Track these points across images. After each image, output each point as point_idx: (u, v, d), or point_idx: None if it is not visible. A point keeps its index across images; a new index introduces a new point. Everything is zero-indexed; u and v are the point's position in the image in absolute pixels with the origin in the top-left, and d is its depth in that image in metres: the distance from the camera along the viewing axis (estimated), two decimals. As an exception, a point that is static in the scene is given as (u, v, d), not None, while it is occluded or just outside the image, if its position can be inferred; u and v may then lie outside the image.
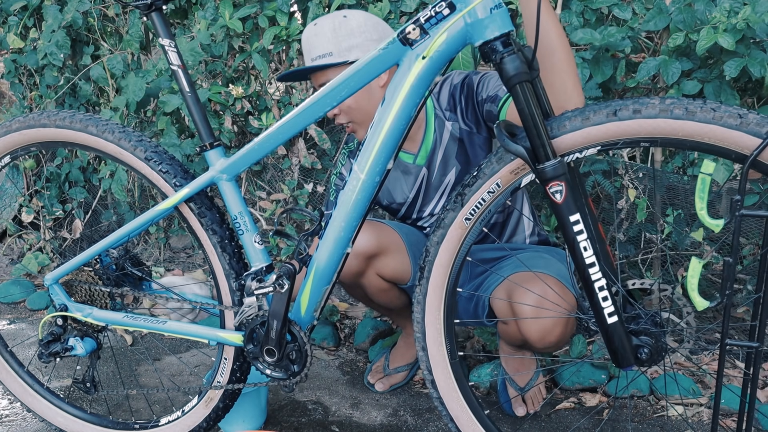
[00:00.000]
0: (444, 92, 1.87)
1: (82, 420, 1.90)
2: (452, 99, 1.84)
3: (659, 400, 2.01)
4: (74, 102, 3.15)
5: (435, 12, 1.25)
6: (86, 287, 1.74)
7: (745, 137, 1.11)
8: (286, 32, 2.52)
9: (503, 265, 1.89)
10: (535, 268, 1.74)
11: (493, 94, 1.71)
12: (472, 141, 1.85)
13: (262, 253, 1.56)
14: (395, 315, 2.14)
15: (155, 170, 1.58)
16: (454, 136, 1.85)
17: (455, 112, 1.85)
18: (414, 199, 1.95)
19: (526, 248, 1.97)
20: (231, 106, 2.68)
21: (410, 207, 1.97)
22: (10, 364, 1.94)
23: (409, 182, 1.92)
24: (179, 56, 1.52)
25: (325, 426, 1.96)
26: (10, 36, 3.05)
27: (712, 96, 2.01)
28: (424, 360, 1.50)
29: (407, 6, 2.38)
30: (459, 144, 1.85)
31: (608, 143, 1.21)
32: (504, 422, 1.96)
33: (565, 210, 1.23)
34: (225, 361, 1.69)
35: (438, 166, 1.88)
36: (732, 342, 1.31)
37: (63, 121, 1.62)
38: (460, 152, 1.86)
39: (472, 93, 1.80)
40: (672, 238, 2.24)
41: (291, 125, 1.44)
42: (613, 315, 1.27)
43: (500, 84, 1.70)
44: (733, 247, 1.22)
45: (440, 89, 1.88)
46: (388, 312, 2.13)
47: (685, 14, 1.98)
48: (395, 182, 1.94)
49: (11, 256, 3.40)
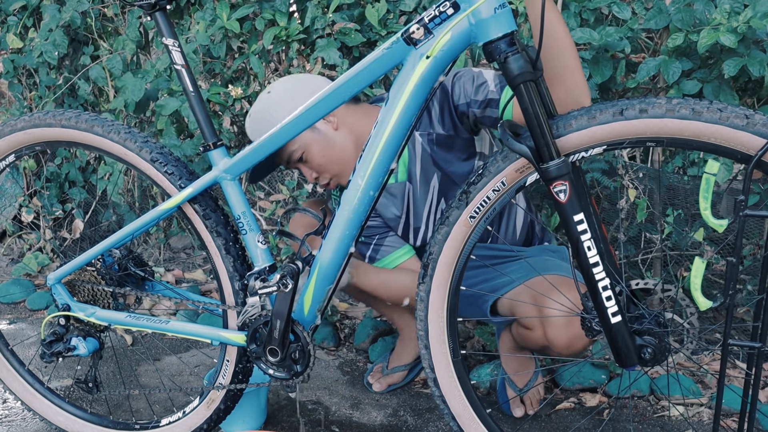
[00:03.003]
0: None
1: (82, 420, 1.89)
2: None
3: (659, 400, 2.01)
4: (73, 102, 3.14)
5: (439, 11, 1.25)
6: (89, 287, 1.73)
7: (751, 138, 1.12)
8: (285, 32, 2.52)
9: (511, 269, 1.84)
10: (551, 271, 1.72)
11: (483, 98, 1.66)
12: (450, 144, 1.79)
13: (265, 253, 1.56)
14: (396, 315, 2.14)
15: (160, 171, 1.58)
16: (425, 146, 1.80)
17: (428, 118, 1.79)
18: (406, 216, 1.90)
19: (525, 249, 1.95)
20: (230, 107, 2.68)
21: (405, 227, 1.92)
22: (11, 363, 1.93)
23: (396, 202, 1.88)
24: (183, 56, 1.52)
25: (325, 426, 1.96)
26: (10, 36, 3.04)
27: (711, 96, 2.02)
28: (427, 358, 1.50)
29: (406, 5, 2.38)
30: (434, 151, 1.80)
31: (614, 143, 1.22)
32: (504, 422, 1.96)
33: (569, 209, 1.23)
34: (227, 362, 1.69)
35: (419, 177, 1.84)
36: (734, 342, 1.31)
37: (68, 121, 1.62)
38: (438, 158, 1.81)
39: (447, 97, 1.73)
40: (672, 238, 2.25)
41: (294, 125, 1.44)
42: (616, 314, 1.27)
43: (482, 84, 1.66)
44: (736, 247, 1.23)
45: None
46: (389, 311, 2.13)
47: (685, 14, 1.99)
48: (383, 207, 1.89)
49: (11, 256, 3.40)
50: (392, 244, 1.84)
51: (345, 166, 1.77)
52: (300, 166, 1.79)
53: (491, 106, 1.65)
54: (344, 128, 1.75)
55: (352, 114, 1.78)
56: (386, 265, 1.86)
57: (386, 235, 1.84)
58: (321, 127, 1.73)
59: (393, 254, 1.85)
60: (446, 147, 1.80)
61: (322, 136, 1.74)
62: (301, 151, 1.73)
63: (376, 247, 1.84)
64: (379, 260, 1.85)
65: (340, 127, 1.75)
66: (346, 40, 2.43)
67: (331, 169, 1.77)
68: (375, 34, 2.43)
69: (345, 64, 2.39)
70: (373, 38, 2.44)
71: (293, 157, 1.75)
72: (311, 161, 1.75)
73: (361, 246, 1.86)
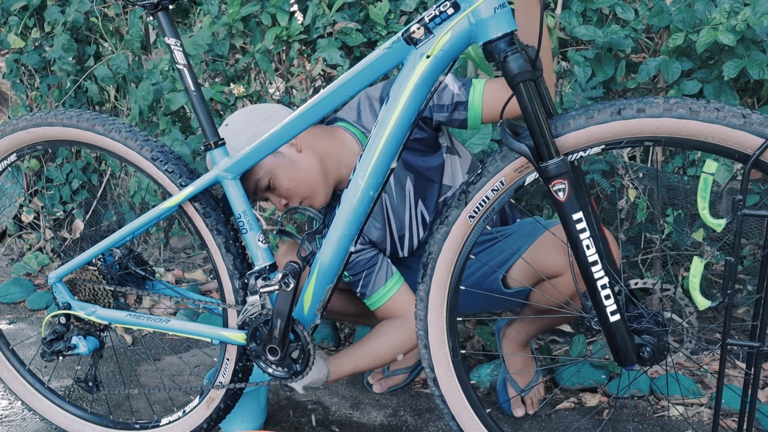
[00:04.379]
0: (365, 112, 1.81)
1: (82, 419, 1.90)
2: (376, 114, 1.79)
3: (659, 400, 2.01)
4: (75, 102, 3.15)
5: (439, 11, 1.26)
6: (90, 286, 1.74)
7: (749, 137, 1.12)
8: (286, 32, 2.52)
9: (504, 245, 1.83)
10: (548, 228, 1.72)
11: (449, 102, 1.66)
12: (416, 146, 1.80)
13: (266, 252, 1.57)
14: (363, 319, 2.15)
15: (161, 170, 1.58)
16: None
17: None
18: (389, 227, 1.88)
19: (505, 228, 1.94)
20: (232, 106, 2.69)
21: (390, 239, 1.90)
22: (11, 362, 1.94)
23: (377, 217, 1.86)
24: (185, 56, 1.52)
25: (325, 426, 1.96)
26: (11, 36, 3.05)
27: (711, 96, 2.02)
28: (426, 357, 1.51)
29: (407, 5, 2.39)
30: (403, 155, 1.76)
31: (612, 142, 1.22)
32: (504, 422, 1.96)
33: (568, 208, 1.24)
34: (227, 361, 1.69)
35: (394, 185, 1.84)
36: (733, 342, 1.32)
37: (70, 120, 1.63)
38: (408, 161, 1.81)
39: None
40: (672, 238, 2.25)
41: (295, 124, 1.45)
42: (615, 313, 1.28)
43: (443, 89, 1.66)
44: (735, 247, 1.23)
45: (359, 111, 1.82)
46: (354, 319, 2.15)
47: (685, 14, 1.99)
48: (367, 230, 1.87)
49: (11, 256, 3.40)
50: (381, 278, 1.84)
51: (313, 188, 1.74)
52: (268, 194, 1.75)
53: (459, 109, 1.67)
54: (307, 150, 1.74)
55: (312, 135, 1.76)
56: (378, 300, 1.84)
57: (373, 270, 1.83)
58: (285, 151, 1.71)
59: (382, 289, 1.83)
60: (413, 150, 1.80)
61: (287, 160, 1.71)
62: (268, 178, 1.71)
63: (365, 283, 1.84)
64: (369, 296, 1.85)
65: (304, 150, 1.73)
66: (348, 40, 2.43)
67: (300, 192, 1.74)
68: (376, 34, 2.43)
69: (346, 64, 2.40)
70: (374, 38, 2.45)
71: (261, 185, 1.72)
72: (279, 186, 1.72)
73: (351, 284, 1.86)
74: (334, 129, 1.83)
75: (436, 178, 1.84)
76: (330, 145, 1.77)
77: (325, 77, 2.61)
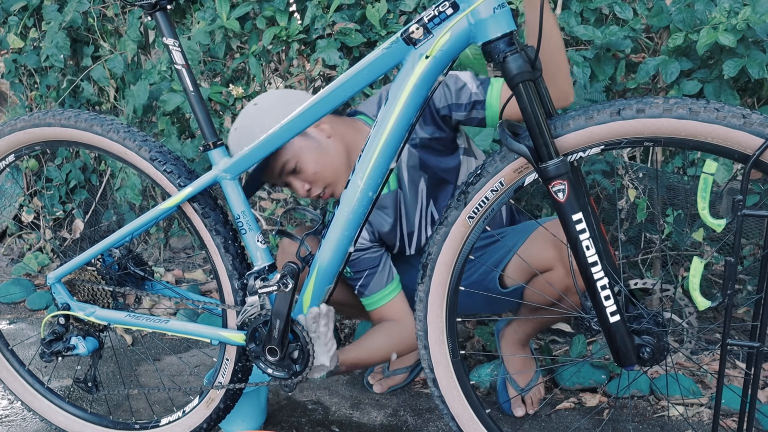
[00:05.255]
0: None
1: (82, 420, 1.89)
2: None
3: (659, 400, 2.01)
4: (74, 102, 3.14)
5: (438, 11, 1.26)
6: (89, 286, 1.74)
7: (748, 137, 1.12)
8: (285, 32, 2.52)
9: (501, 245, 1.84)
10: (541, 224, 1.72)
11: (467, 101, 1.67)
12: (434, 146, 1.80)
13: (265, 253, 1.57)
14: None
15: (159, 170, 1.58)
16: (411, 152, 1.80)
17: None
18: (399, 223, 1.88)
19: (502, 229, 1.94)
20: (231, 106, 2.68)
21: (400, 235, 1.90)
22: (11, 363, 1.94)
23: (389, 212, 1.86)
24: (183, 56, 1.52)
25: (325, 426, 1.96)
26: (11, 36, 3.04)
27: (712, 96, 2.02)
28: (426, 358, 1.50)
29: (406, 5, 2.39)
30: (420, 155, 1.80)
31: (611, 142, 1.22)
32: (504, 422, 1.96)
33: (567, 209, 1.24)
34: (227, 361, 1.69)
35: (408, 183, 1.83)
36: (733, 342, 1.32)
37: (68, 120, 1.62)
38: (424, 160, 1.81)
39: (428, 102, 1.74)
40: (672, 239, 2.25)
41: (294, 124, 1.45)
42: (615, 314, 1.27)
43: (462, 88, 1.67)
44: (735, 247, 1.23)
45: (379, 106, 1.82)
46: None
47: (685, 14, 1.99)
48: (379, 224, 1.87)
49: (11, 256, 3.40)
50: (381, 281, 1.83)
51: (339, 174, 1.74)
52: (291, 179, 1.75)
53: (477, 108, 1.67)
54: (336, 137, 1.74)
55: (340, 124, 1.77)
56: (374, 302, 1.84)
57: (375, 270, 1.83)
58: (313, 135, 1.71)
59: (380, 292, 1.83)
60: (431, 149, 1.80)
61: (316, 143, 1.71)
62: (295, 161, 1.70)
63: (365, 283, 1.84)
64: (366, 296, 1.85)
65: (333, 135, 1.73)
66: (347, 41, 2.43)
67: (326, 177, 1.73)
68: (375, 34, 2.43)
69: (345, 64, 2.39)
70: (373, 38, 2.44)
71: (286, 168, 1.72)
72: (305, 170, 1.72)
73: (351, 280, 1.86)
74: (355, 121, 1.83)
75: (451, 180, 1.84)
76: (355, 136, 1.78)
77: (325, 77, 2.61)
